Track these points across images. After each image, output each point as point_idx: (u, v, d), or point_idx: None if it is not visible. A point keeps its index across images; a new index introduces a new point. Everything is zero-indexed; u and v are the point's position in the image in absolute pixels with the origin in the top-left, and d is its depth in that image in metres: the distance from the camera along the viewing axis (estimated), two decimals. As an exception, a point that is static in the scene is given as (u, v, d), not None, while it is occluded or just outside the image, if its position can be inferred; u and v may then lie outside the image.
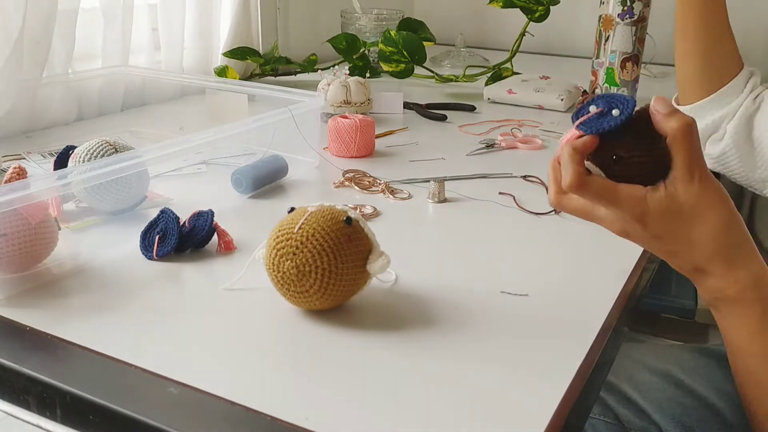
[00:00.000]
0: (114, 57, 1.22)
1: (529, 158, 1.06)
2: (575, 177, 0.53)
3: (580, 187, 0.53)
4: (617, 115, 0.52)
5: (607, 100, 0.54)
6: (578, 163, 0.53)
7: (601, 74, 1.40)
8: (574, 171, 0.53)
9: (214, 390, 0.51)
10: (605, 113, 0.53)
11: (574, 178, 0.53)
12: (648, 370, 0.88)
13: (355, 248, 0.59)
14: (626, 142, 0.53)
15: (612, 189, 0.53)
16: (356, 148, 1.03)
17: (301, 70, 1.53)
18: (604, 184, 0.54)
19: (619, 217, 0.56)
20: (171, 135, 1.06)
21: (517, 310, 0.63)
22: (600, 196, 0.54)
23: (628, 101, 0.53)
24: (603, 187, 0.54)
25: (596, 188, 0.53)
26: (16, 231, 0.62)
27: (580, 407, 0.53)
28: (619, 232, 0.57)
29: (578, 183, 0.53)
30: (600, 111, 0.53)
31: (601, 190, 0.54)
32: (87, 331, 0.58)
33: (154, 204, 0.82)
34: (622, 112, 0.52)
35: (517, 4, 1.40)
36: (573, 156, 0.53)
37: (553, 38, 1.95)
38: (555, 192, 0.57)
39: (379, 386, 0.52)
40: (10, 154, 0.99)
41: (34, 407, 0.54)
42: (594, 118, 0.53)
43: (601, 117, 0.53)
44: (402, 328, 0.60)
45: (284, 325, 0.60)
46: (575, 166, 0.53)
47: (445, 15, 2.13)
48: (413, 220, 0.83)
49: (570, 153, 0.53)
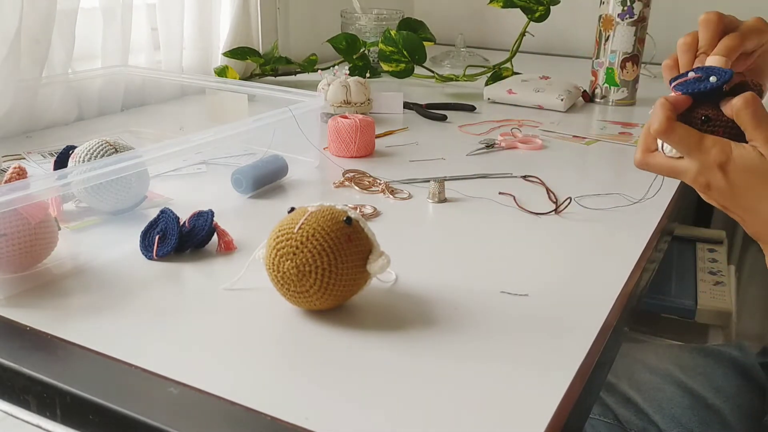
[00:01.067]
0: (114, 57, 1.22)
1: (529, 158, 1.06)
2: (663, 121, 0.55)
3: (667, 131, 0.55)
4: (714, 81, 0.55)
5: (706, 70, 0.57)
6: (668, 110, 0.55)
7: (601, 74, 1.40)
8: (663, 116, 0.55)
9: (214, 390, 0.51)
10: (703, 79, 0.56)
11: (663, 123, 0.55)
12: (648, 370, 0.88)
13: (355, 248, 0.59)
14: (716, 107, 0.56)
15: (697, 135, 0.55)
16: (356, 148, 1.03)
17: (301, 70, 1.53)
18: (690, 130, 0.56)
19: (703, 167, 0.56)
20: (171, 135, 1.06)
21: (517, 310, 0.63)
22: (685, 141, 0.55)
23: (726, 72, 0.56)
24: (689, 133, 0.55)
25: (682, 132, 0.55)
26: (16, 231, 0.62)
27: (580, 407, 0.53)
28: (701, 184, 0.57)
29: (666, 127, 0.55)
30: (698, 77, 0.57)
31: (687, 134, 0.55)
32: (87, 331, 0.58)
33: (154, 204, 0.82)
34: (719, 80, 0.55)
35: (517, 4, 1.40)
36: (664, 105, 0.55)
37: (553, 38, 1.95)
38: (642, 151, 0.60)
39: (379, 386, 0.52)
40: (10, 154, 0.99)
41: (34, 407, 0.54)
42: (691, 82, 0.57)
43: (698, 82, 0.56)
44: (402, 328, 0.60)
45: (284, 325, 0.60)
46: (665, 112, 0.55)
47: (445, 15, 2.13)
48: (413, 220, 0.83)
49: (661, 103, 0.56)
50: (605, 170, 1.07)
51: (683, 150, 0.56)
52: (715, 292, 1.36)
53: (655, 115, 0.55)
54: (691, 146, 0.55)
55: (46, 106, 1.13)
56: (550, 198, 0.89)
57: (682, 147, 0.56)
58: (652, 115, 0.56)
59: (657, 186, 0.82)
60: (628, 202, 0.87)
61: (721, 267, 1.46)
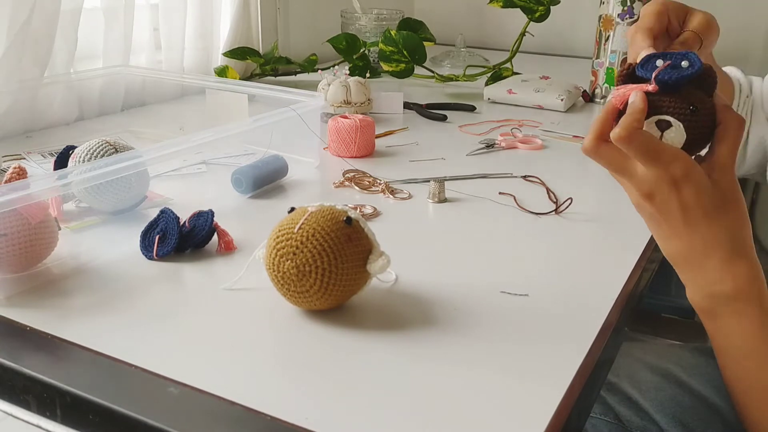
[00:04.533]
0: (115, 57, 1.22)
1: (529, 158, 1.06)
2: (627, 129, 0.52)
3: (629, 138, 0.52)
4: (688, 67, 0.53)
5: (669, 56, 0.55)
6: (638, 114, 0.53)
7: (601, 74, 1.40)
8: (629, 123, 0.52)
9: (214, 390, 0.51)
10: (676, 66, 0.54)
11: (625, 130, 0.52)
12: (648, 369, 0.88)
13: (355, 248, 0.59)
14: (698, 95, 0.55)
15: (659, 145, 0.53)
16: (356, 148, 1.03)
17: (301, 70, 1.53)
18: (653, 139, 0.53)
19: (653, 178, 0.54)
20: (171, 135, 1.06)
21: (517, 310, 0.63)
22: (645, 150, 0.53)
23: (692, 56, 0.54)
24: (651, 142, 0.53)
25: (644, 141, 0.53)
26: (16, 231, 0.62)
27: (581, 406, 0.53)
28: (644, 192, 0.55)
29: (628, 135, 0.52)
30: (668, 64, 0.54)
31: (648, 143, 0.53)
32: (87, 331, 0.58)
33: (154, 204, 0.82)
34: (692, 65, 0.53)
35: (518, 4, 1.40)
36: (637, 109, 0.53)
37: (553, 38, 1.95)
38: (593, 138, 0.56)
39: (379, 386, 0.52)
40: (10, 154, 0.99)
41: (34, 407, 0.54)
42: (666, 70, 0.54)
43: (674, 69, 0.54)
44: (402, 328, 0.60)
45: (284, 325, 0.60)
46: (633, 118, 0.53)
47: (445, 15, 2.12)
48: (413, 220, 0.83)
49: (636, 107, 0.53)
50: (605, 170, 1.06)
51: (641, 157, 0.53)
52: (716, 292, 1.35)
53: (625, 119, 0.53)
54: (650, 155, 0.53)
55: (47, 106, 1.13)
56: (550, 198, 0.89)
57: (640, 154, 0.53)
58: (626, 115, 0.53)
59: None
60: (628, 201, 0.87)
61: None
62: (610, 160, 0.56)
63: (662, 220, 0.56)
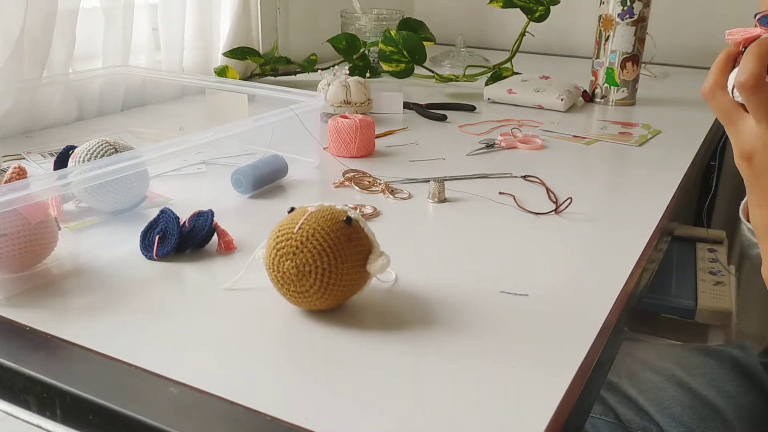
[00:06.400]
0: (114, 57, 1.22)
1: (529, 158, 1.06)
2: (752, 78, 0.50)
3: (753, 89, 0.50)
4: None
5: None
6: (762, 64, 0.50)
7: (601, 74, 1.40)
8: (754, 71, 0.50)
9: (214, 390, 0.51)
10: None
11: (751, 79, 0.50)
12: (649, 369, 0.88)
13: (355, 248, 0.59)
14: None
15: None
16: (356, 148, 1.03)
17: (301, 70, 1.53)
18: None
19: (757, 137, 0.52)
20: (171, 135, 1.06)
21: (517, 310, 0.63)
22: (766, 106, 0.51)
23: None
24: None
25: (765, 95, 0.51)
26: (16, 231, 0.62)
27: (581, 406, 0.53)
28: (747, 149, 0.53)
29: (753, 84, 0.50)
30: None
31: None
32: (87, 331, 0.58)
33: (154, 204, 0.82)
34: None
35: (517, 4, 1.40)
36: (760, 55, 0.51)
37: (553, 38, 1.95)
38: (713, 82, 0.54)
39: (379, 386, 0.52)
40: (10, 154, 0.99)
41: (34, 407, 0.54)
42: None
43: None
44: (402, 328, 0.60)
45: (284, 325, 0.60)
46: (757, 66, 0.50)
47: (445, 15, 2.13)
48: (413, 220, 0.83)
49: (756, 51, 0.51)
50: (605, 170, 1.06)
51: (759, 112, 0.51)
52: (715, 292, 1.36)
53: (744, 67, 0.50)
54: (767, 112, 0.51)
55: (47, 106, 1.13)
56: (550, 198, 0.89)
57: (757, 110, 0.51)
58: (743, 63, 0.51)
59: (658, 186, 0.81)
60: (628, 201, 0.87)
61: (721, 267, 1.46)
62: (723, 109, 0.54)
63: (756, 185, 0.54)
